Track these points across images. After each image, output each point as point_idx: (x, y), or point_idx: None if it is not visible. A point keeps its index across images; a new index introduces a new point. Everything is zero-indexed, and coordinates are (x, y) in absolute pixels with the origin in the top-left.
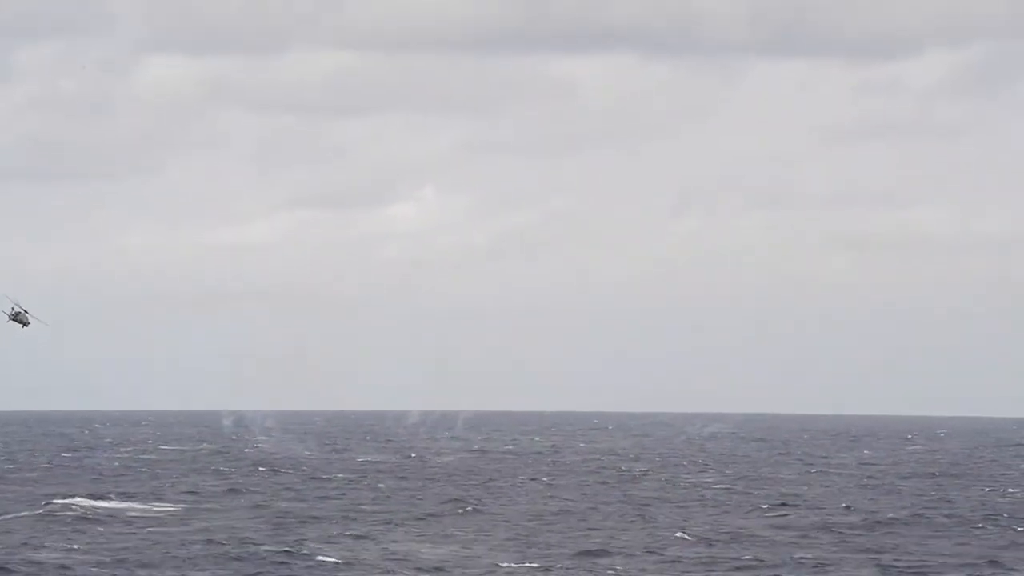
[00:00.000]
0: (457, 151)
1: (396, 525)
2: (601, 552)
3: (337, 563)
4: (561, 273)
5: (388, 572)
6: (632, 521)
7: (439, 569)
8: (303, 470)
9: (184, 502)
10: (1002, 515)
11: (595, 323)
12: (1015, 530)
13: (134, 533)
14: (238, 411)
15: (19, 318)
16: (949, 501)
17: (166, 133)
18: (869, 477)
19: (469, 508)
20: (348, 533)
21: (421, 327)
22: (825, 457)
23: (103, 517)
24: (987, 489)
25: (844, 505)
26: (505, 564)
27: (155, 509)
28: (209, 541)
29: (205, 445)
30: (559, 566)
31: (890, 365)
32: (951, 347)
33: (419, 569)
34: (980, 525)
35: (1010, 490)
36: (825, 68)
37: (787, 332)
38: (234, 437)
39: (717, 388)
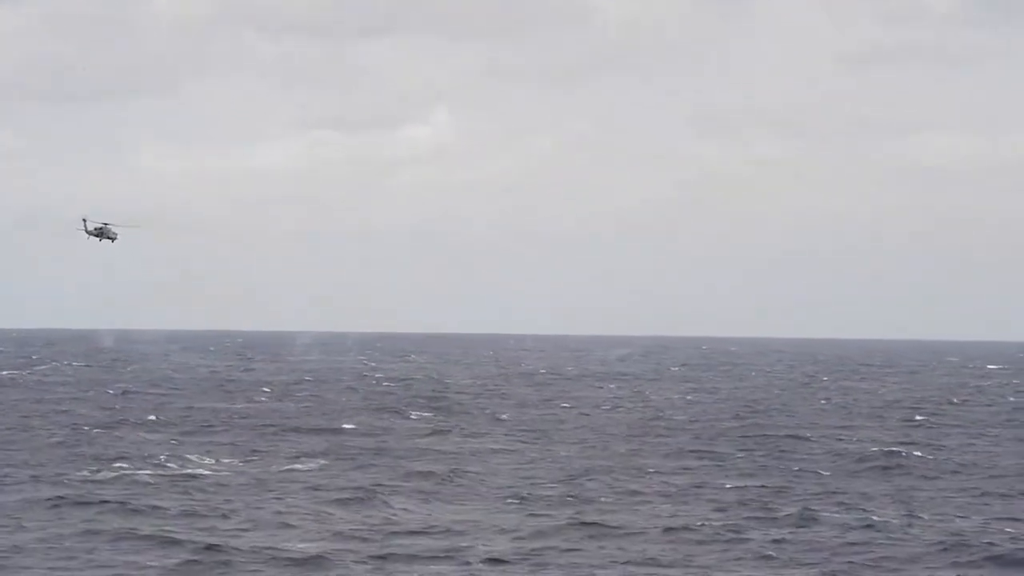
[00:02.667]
0: (473, 75)
1: None
2: None
3: None
4: (574, 198)
5: None
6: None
7: None
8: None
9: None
10: None
11: (605, 247)
12: None
13: None
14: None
15: (105, 233)
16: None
17: (181, 54)
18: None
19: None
20: None
21: (418, 248)
22: None
23: None
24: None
25: None
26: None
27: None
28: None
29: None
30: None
31: (909, 290)
32: (961, 273)
33: None
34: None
35: None
36: None
37: (806, 259)
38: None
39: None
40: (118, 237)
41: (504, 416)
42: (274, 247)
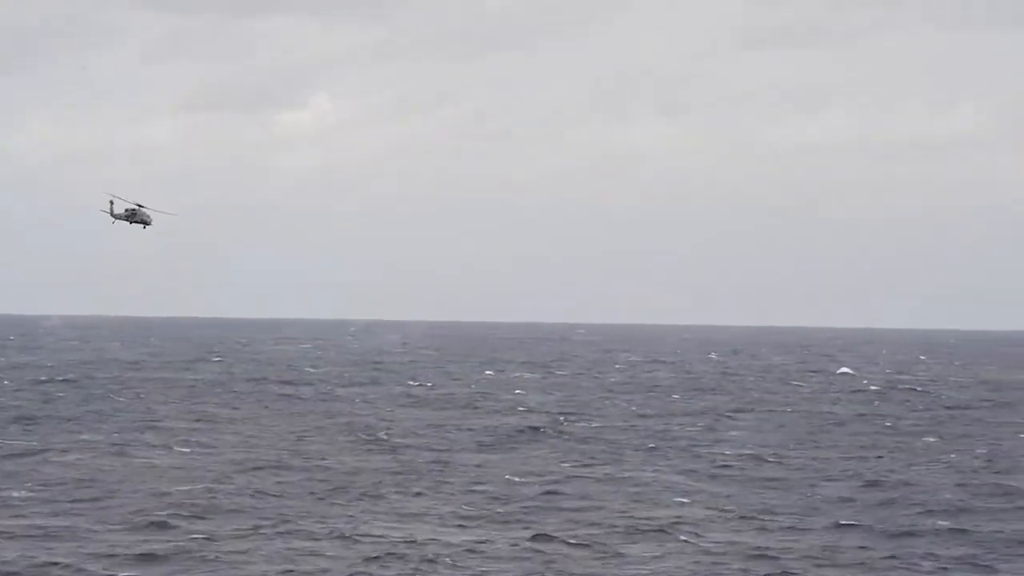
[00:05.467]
0: (357, 54)
1: None
2: None
3: None
4: (469, 177)
5: None
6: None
7: None
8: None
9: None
10: None
11: (503, 225)
12: None
13: None
14: None
15: (138, 216)
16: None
17: (57, 29)
18: None
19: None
20: None
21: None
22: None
23: None
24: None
25: None
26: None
27: None
28: None
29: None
30: None
31: (792, 274)
32: (846, 254)
33: None
34: None
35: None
36: None
37: (688, 237)
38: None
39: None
40: (151, 223)
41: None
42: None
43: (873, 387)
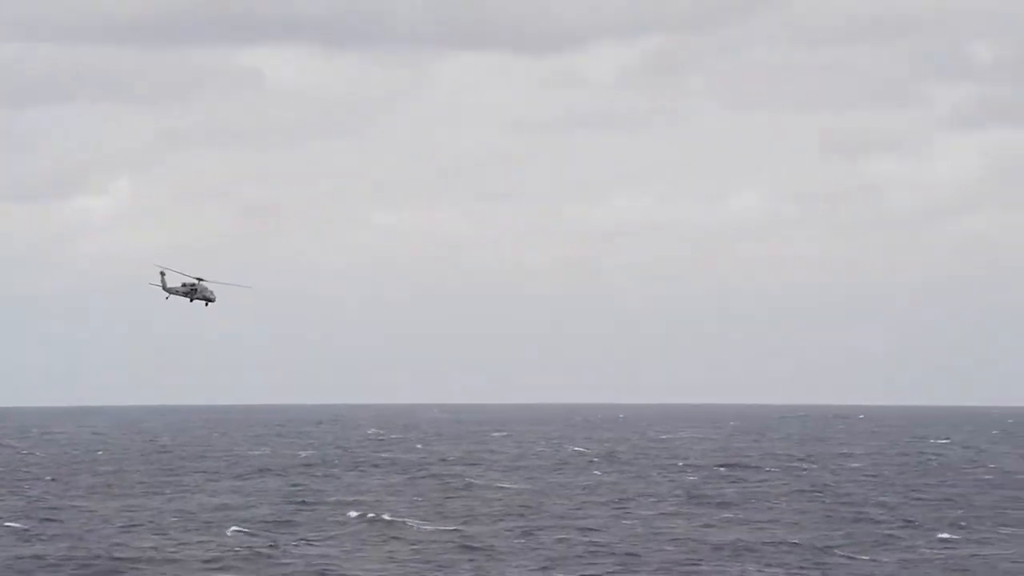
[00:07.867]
0: (148, 142)
1: None
2: None
3: None
4: (263, 265)
5: None
6: None
7: None
8: None
9: None
10: None
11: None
12: None
13: None
14: None
15: (198, 293)
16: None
17: None
18: None
19: None
20: None
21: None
22: None
23: None
24: None
25: None
26: None
27: None
28: None
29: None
30: None
31: (599, 354)
32: (651, 335)
33: None
34: None
35: None
36: (509, 63)
37: (493, 322)
38: None
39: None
40: (215, 298)
41: None
42: None
43: (596, 459)
